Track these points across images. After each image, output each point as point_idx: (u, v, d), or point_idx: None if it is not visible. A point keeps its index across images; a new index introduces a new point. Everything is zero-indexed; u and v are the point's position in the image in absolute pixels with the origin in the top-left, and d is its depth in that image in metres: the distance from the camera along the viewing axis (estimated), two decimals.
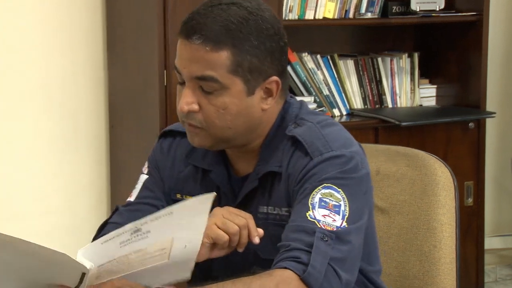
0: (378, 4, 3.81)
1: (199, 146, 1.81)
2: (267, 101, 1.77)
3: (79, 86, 3.68)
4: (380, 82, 3.93)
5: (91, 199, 3.76)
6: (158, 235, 1.49)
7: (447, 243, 2.03)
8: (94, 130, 3.73)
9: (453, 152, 3.76)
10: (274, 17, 1.77)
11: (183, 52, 1.73)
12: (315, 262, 1.59)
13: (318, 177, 1.69)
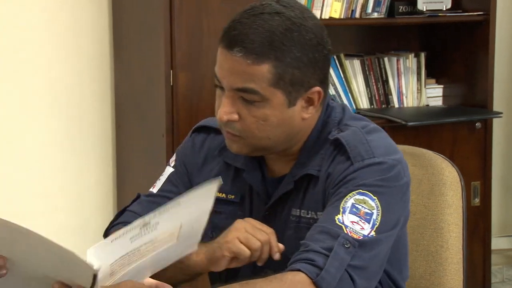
0: (385, 4, 3.80)
1: (237, 153, 1.79)
2: (308, 110, 1.75)
3: (85, 86, 3.68)
4: (386, 82, 3.92)
5: (97, 198, 3.76)
6: (167, 225, 1.49)
7: (454, 243, 2.02)
8: (100, 130, 3.74)
9: (460, 152, 3.75)
10: (318, 26, 1.74)
11: (223, 63, 1.71)
12: (331, 267, 1.57)
13: (356, 183, 1.67)
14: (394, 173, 1.70)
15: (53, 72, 3.63)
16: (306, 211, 1.76)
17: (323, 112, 1.80)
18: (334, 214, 1.64)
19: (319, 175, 1.75)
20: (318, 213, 1.73)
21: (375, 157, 1.70)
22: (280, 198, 1.80)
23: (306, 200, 1.77)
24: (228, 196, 1.87)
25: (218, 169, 1.89)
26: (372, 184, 1.67)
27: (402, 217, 1.74)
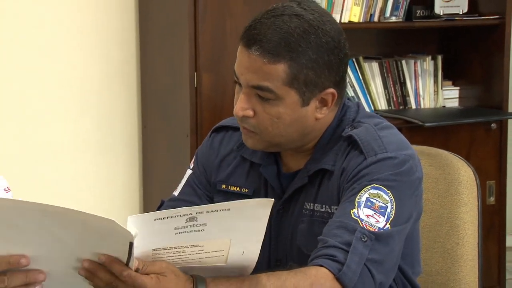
0: (403, 8, 3.80)
1: (252, 148, 1.81)
2: (322, 111, 1.76)
3: (113, 89, 3.70)
4: (404, 84, 3.91)
5: (125, 194, 3.78)
6: (215, 231, 1.46)
7: (470, 241, 2.02)
8: (127, 131, 3.76)
9: (476, 152, 3.74)
10: (336, 29, 1.74)
11: (241, 60, 1.73)
12: (351, 262, 1.58)
13: (369, 177, 1.68)
14: (406, 168, 1.71)
15: (83, 75, 3.65)
16: (320, 205, 1.77)
17: (338, 111, 1.81)
18: (350, 209, 1.64)
19: (333, 169, 1.76)
20: (332, 207, 1.74)
21: (388, 152, 1.71)
22: (294, 193, 1.81)
23: (320, 194, 1.77)
24: (242, 189, 1.89)
25: (234, 163, 1.90)
26: (385, 179, 1.68)
27: (415, 211, 1.74)
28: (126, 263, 1.43)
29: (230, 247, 1.50)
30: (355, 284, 1.57)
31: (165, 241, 1.46)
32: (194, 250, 1.48)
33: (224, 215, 1.45)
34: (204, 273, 1.51)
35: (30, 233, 1.41)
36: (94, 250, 1.43)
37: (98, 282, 1.45)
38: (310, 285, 1.55)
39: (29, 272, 1.44)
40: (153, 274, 1.45)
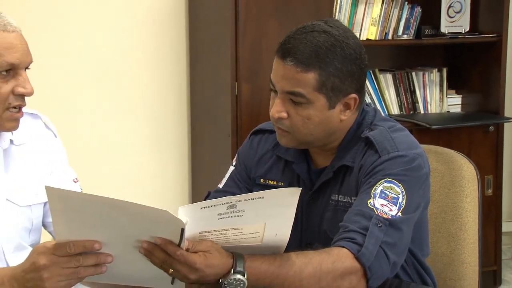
0: (413, 27, 3.78)
1: (285, 145, 1.81)
2: (345, 113, 1.76)
3: (167, 97, 3.71)
4: (414, 92, 3.89)
5: (175, 188, 3.79)
6: (252, 216, 1.47)
7: (471, 227, 2.01)
8: (178, 131, 3.76)
9: (476, 150, 3.71)
10: (358, 44, 1.75)
11: (277, 70, 1.73)
12: (369, 244, 1.58)
13: (383, 172, 1.68)
14: (415, 165, 1.71)
15: (143, 85, 3.66)
16: (343, 196, 1.77)
17: (358, 115, 1.81)
18: (367, 199, 1.65)
19: (353, 166, 1.76)
20: (353, 197, 1.74)
21: (399, 151, 1.71)
22: (322, 185, 1.81)
23: (343, 187, 1.78)
24: (278, 183, 1.90)
25: (271, 162, 1.92)
26: (397, 174, 1.68)
27: (422, 201, 1.74)
28: (178, 244, 1.44)
29: (265, 230, 1.50)
30: (372, 263, 1.58)
31: (210, 225, 1.47)
32: (234, 232, 1.49)
33: (259, 203, 1.46)
34: (241, 251, 1.51)
35: (99, 222, 1.42)
36: (151, 234, 1.44)
37: (155, 259, 1.46)
38: (332, 262, 1.55)
39: (100, 254, 1.45)
40: (201, 252, 1.46)
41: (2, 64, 1.64)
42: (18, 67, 1.67)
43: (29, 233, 1.81)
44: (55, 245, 1.43)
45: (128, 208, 1.39)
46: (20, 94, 1.68)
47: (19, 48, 1.67)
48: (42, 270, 1.43)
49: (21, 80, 1.68)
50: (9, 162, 1.80)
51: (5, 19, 1.67)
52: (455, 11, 3.81)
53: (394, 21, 3.73)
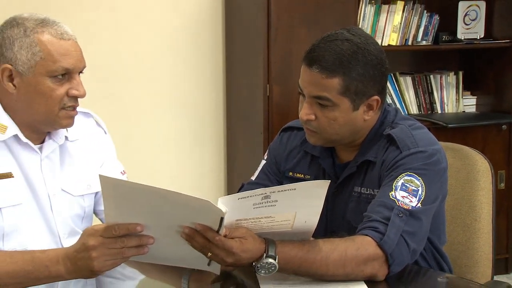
0: (431, 34, 3.76)
1: (314, 144, 1.81)
2: (368, 114, 1.76)
3: (205, 96, 3.72)
4: (431, 93, 3.86)
5: (212, 181, 3.80)
6: (284, 206, 1.47)
7: (485, 218, 1.99)
8: (215, 129, 3.77)
9: (489, 147, 3.67)
10: (378, 49, 1.74)
11: (304, 76, 1.73)
12: (390, 232, 1.57)
13: (404, 167, 1.67)
14: (434, 160, 1.70)
15: (183, 85, 3.67)
16: (365, 189, 1.77)
17: (381, 114, 1.80)
18: (388, 191, 1.64)
19: (376, 161, 1.76)
20: (375, 190, 1.73)
21: (419, 147, 1.70)
22: (346, 179, 1.81)
23: (366, 180, 1.77)
24: (305, 176, 1.90)
25: (299, 156, 1.91)
26: (417, 168, 1.67)
27: (440, 194, 1.73)
28: (217, 231, 1.44)
29: (295, 218, 1.51)
30: (393, 250, 1.57)
31: (246, 213, 1.48)
32: (267, 220, 1.49)
33: (291, 194, 1.46)
34: (273, 237, 1.52)
35: (145, 208, 1.43)
36: (192, 221, 1.44)
37: (195, 243, 1.46)
38: (356, 249, 1.55)
39: (142, 236, 1.46)
40: (237, 238, 1.47)
41: (58, 69, 1.66)
42: (72, 71, 1.68)
43: (82, 220, 1.83)
44: (103, 227, 1.45)
45: (172, 197, 1.40)
46: (73, 96, 1.69)
47: (74, 55, 1.68)
48: (91, 250, 1.45)
49: (74, 84, 1.69)
50: (65, 157, 1.81)
51: (62, 28, 1.69)
52: (471, 18, 3.78)
53: (414, 28, 3.70)
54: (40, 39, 1.65)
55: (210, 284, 1.61)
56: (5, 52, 1.67)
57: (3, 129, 1.69)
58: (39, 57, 1.65)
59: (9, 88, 1.68)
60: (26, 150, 1.73)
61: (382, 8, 3.63)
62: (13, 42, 1.66)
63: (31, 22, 1.67)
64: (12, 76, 1.67)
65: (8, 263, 1.50)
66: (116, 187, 1.42)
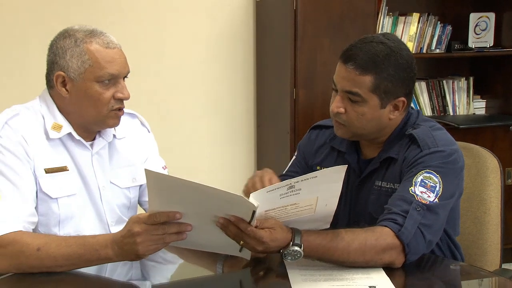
0: (444, 43, 3.71)
1: (341, 136, 1.80)
2: (394, 113, 1.74)
3: (237, 99, 3.72)
4: (444, 97, 3.81)
5: (244, 176, 3.79)
6: (307, 193, 1.48)
7: (494, 211, 1.97)
8: (246, 129, 3.77)
9: (498, 146, 3.61)
10: (409, 55, 1.72)
11: (340, 72, 1.72)
12: (408, 225, 1.56)
13: (424, 164, 1.65)
14: (452, 159, 1.67)
15: (217, 89, 3.68)
16: (386, 183, 1.75)
17: (405, 115, 1.78)
18: (408, 186, 1.62)
19: (397, 158, 1.74)
20: (395, 184, 1.72)
21: (438, 147, 1.68)
22: (369, 174, 1.79)
23: (387, 175, 1.75)
24: None
25: (326, 152, 1.90)
26: (436, 166, 1.65)
27: (457, 191, 1.70)
28: (249, 222, 1.45)
29: (317, 202, 1.51)
30: (410, 240, 1.55)
31: (273, 204, 1.48)
32: (292, 207, 1.50)
33: (313, 181, 1.47)
34: (298, 224, 1.52)
35: (185, 199, 1.44)
36: (227, 213, 1.45)
37: (229, 232, 1.47)
38: (376, 239, 1.53)
39: (181, 224, 1.47)
40: (267, 228, 1.47)
41: (105, 74, 1.68)
42: (118, 77, 1.70)
43: (128, 209, 1.85)
44: (146, 215, 1.46)
45: (209, 191, 1.41)
46: (119, 98, 1.71)
47: (118, 62, 1.70)
48: (136, 236, 1.46)
49: (120, 87, 1.71)
50: (113, 152, 1.83)
51: (108, 38, 1.71)
52: (481, 29, 3.73)
53: (428, 38, 3.66)
54: (89, 48, 1.67)
55: (242, 268, 1.61)
56: (58, 60, 1.69)
57: (58, 128, 1.72)
58: (88, 64, 1.67)
59: (63, 93, 1.71)
60: (79, 146, 1.76)
61: (399, 19, 3.61)
62: (65, 51, 1.69)
63: (81, 33, 1.70)
64: (65, 82, 1.70)
65: (63, 247, 1.52)
66: (159, 180, 1.43)
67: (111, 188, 1.81)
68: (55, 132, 1.71)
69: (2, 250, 1.53)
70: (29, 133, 1.69)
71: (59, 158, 1.72)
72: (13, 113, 1.71)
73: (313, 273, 1.52)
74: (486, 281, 1.64)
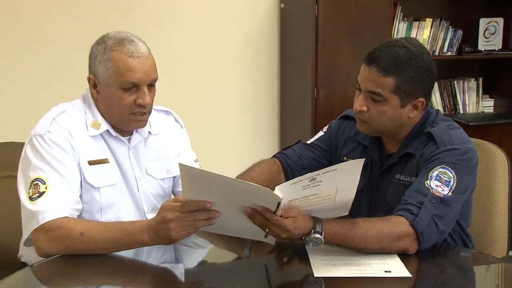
0: (455, 46, 3.67)
1: (362, 132, 1.79)
2: (413, 113, 1.72)
3: (262, 98, 3.71)
4: (455, 96, 3.77)
5: None
6: (327, 184, 1.47)
7: (502, 202, 1.94)
8: (271, 126, 3.76)
9: (506, 142, 3.55)
10: (430, 59, 1.70)
11: (364, 73, 1.70)
12: (422, 215, 1.54)
13: (440, 160, 1.63)
14: (466, 156, 1.65)
15: (244, 89, 3.67)
16: (404, 176, 1.73)
17: (424, 114, 1.76)
18: (424, 180, 1.60)
19: (415, 153, 1.72)
20: (412, 178, 1.70)
21: (454, 145, 1.66)
22: (389, 167, 1.77)
23: (405, 169, 1.73)
24: None
25: (353, 145, 1.89)
26: (451, 162, 1.62)
27: (470, 186, 1.68)
28: (274, 212, 1.45)
29: (337, 192, 1.50)
30: (424, 229, 1.54)
31: (297, 194, 1.47)
32: (314, 197, 1.49)
33: (333, 173, 1.46)
34: (319, 212, 1.51)
35: (215, 190, 1.44)
36: (254, 203, 1.45)
37: (256, 221, 1.47)
38: (391, 227, 1.52)
39: (210, 211, 1.47)
40: (290, 217, 1.47)
41: (125, 82, 1.68)
42: (139, 84, 1.69)
43: (162, 198, 1.86)
44: (179, 204, 1.47)
45: (237, 185, 1.42)
46: (139, 104, 1.71)
47: (140, 71, 1.68)
48: (169, 222, 1.47)
49: (141, 94, 1.70)
50: (149, 147, 1.84)
51: (135, 47, 1.69)
52: (490, 33, 3.69)
53: (440, 41, 3.62)
54: (113, 56, 1.68)
55: (267, 253, 1.61)
56: (91, 64, 1.72)
57: (97, 125, 1.74)
58: (111, 71, 1.68)
59: (94, 94, 1.74)
60: (117, 141, 1.77)
61: (413, 24, 3.57)
62: (95, 57, 1.70)
63: (112, 41, 1.69)
64: (96, 84, 1.72)
65: (104, 232, 1.54)
66: (192, 174, 1.44)
67: (147, 179, 1.82)
68: (94, 130, 1.74)
69: (51, 234, 1.55)
70: (74, 129, 1.71)
71: (100, 151, 1.74)
72: (60, 110, 1.73)
73: (333, 258, 1.51)
74: (494, 267, 1.62)
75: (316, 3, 3.19)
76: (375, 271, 1.45)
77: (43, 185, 1.60)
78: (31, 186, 1.61)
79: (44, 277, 1.49)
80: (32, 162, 1.64)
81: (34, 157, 1.65)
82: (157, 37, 3.41)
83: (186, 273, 1.55)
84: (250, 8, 3.60)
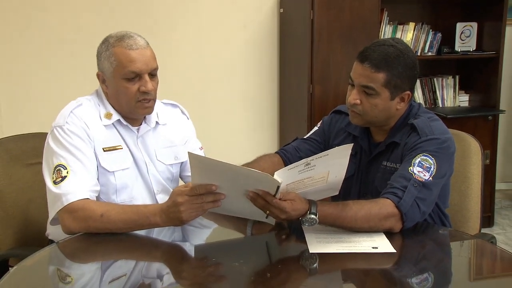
0: (435, 47, 3.63)
1: (355, 124, 1.76)
2: (400, 105, 1.70)
3: (263, 93, 3.69)
4: (435, 92, 3.74)
5: None
6: (320, 167, 1.46)
7: (475, 185, 1.92)
8: (271, 120, 3.74)
9: (479, 133, 3.55)
10: (414, 56, 1.69)
11: (357, 69, 1.67)
12: (406, 197, 1.53)
13: (422, 149, 1.61)
14: (445, 145, 1.63)
15: (246, 85, 3.65)
16: (390, 163, 1.71)
17: (408, 107, 1.74)
18: (408, 166, 1.59)
19: (400, 142, 1.70)
20: (397, 164, 1.68)
21: (434, 135, 1.64)
22: (377, 155, 1.75)
23: (392, 157, 1.71)
24: None
25: (344, 136, 1.87)
26: (432, 150, 1.61)
27: (448, 172, 1.66)
28: (274, 195, 1.43)
29: (328, 175, 1.49)
30: (407, 210, 1.52)
31: (293, 178, 1.46)
32: (308, 179, 1.48)
33: (326, 158, 1.45)
34: (313, 194, 1.50)
35: (220, 176, 1.43)
36: (255, 187, 1.44)
37: (257, 203, 1.46)
38: (379, 208, 1.51)
39: (217, 194, 1.45)
40: (289, 200, 1.45)
41: (127, 72, 1.66)
42: (140, 73, 1.68)
43: (171, 182, 1.85)
44: (188, 189, 1.46)
45: (240, 171, 1.40)
46: (143, 91, 1.69)
47: (140, 61, 1.66)
48: (179, 205, 1.45)
49: (143, 82, 1.69)
50: (158, 136, 1.83)
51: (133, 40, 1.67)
52: (466, 36, 3.66)
53: (422, 43, 3.59)
54: (115, 51, 1.67)
55: (268, 232, 1.60)
56: (98, 63, 1.71)
57: (109, 116, 1.74)
58: (114, 64, 1.67)
59: (104, 88, 1.73)
60: (127, 130, 1.77)
61: (398, 27, 3.54)
62: (101, 54, 1.70)
63: (113, 38, 1.69)
64: (104, 79, 1.71)
65: (120, 213, 1.53)
66: (200, 162, 1.42)
67: (158, 164, 1.81)
68: (107, 120, 1.73)
69: (74, 214, 1.54)
70: (90, 120, 1.71)
71: (113, 139, 1.73)
72: (77, 104, 1.73)
73: (326, 236, 1.50)
74: (468, 242, 1.62)
75: (312, 8, 3.17)
76: (363, 248, 1.43)
77: (64, 170, 1.60)
78: (54, 171, 1.60)
79: (68, 252, 1.49)
80: (54, 150, 1.63)
81: (55, 145, 1.64)
82: (170, 41, 3.39)
83: (195, 249, 1.53)
84: (252, 13, 3.57)
